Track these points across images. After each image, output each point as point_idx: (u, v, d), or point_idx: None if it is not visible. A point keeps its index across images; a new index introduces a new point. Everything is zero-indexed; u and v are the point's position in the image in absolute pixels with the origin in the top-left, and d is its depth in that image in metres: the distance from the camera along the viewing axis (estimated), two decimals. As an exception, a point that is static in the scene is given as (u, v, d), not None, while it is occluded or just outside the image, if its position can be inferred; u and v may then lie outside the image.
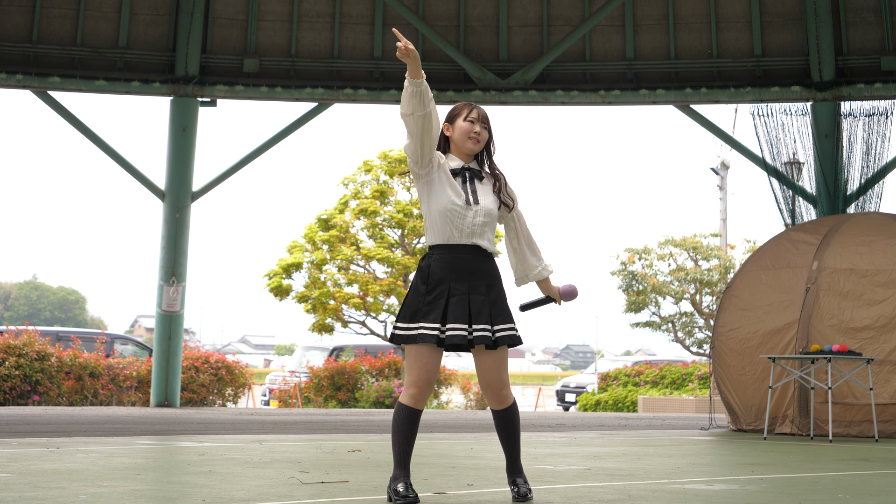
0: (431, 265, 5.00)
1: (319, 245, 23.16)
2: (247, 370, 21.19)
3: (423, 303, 4.96)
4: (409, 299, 5.02)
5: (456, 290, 4.97)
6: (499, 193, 5.12)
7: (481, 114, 5.12)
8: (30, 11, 16.76)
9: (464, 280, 4.98)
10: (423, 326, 4.93)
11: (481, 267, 5.03)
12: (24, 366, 17.43)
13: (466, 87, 16.97)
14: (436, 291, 4.96)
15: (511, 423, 5.07)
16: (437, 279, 4.98)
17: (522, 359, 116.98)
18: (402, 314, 5.02)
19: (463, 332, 4.93)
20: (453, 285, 4.97)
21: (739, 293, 12.63)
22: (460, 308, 4.95)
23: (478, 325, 4.95)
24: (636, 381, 24.03)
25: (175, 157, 17.18)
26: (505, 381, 5.03)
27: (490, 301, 5.00)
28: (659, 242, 28.14)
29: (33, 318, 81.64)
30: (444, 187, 5.02)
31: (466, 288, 4.98)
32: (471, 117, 5.10)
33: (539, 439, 10.39)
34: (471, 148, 5.10)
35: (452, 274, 4.98)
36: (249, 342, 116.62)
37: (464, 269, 4.99)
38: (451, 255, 5.00)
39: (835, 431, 11.24)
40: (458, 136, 5.09)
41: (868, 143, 15.86)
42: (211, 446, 8.56)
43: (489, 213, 5.05)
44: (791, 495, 5.65)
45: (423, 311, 4.95)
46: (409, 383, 4.97)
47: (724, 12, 16.87)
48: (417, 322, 4.94)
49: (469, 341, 4.95)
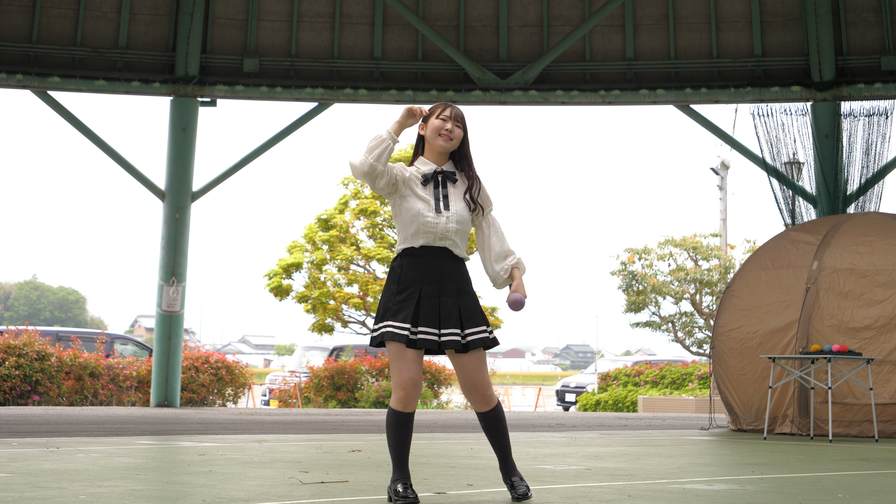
0: (404, 266, 5.01)
1: (319, 245, 23.17)
2: (247, 370, 21.18)
3: (394, 302, 4.96)
4: (382, 300, 5.04)
5: (427, 293, 4.97)
6: (471, 197, 5.10)
7: (455, 112, 5.11)
8: (30, 11, 16.76)
9: (435, 282, 4.99)
10: (391, 324, 4.92)
11: (453, 270, 5.03)
12: (24, 366, 17.43)
13: (466, 87, 16.97)
14: (406, 292, 4.97)
15: (499, 422, 5.06)
16: (408, 280, 4.98)
17: (522, 359, 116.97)
18: (377, 316, 5.06)
19: (433, 337, 4.93)
20: (424, 287, 4.97)
21: (739, 293, 12.63)
22: (431, 311, 4.95)
23: (446, 329, 4.95)
24: (636, 381, 24.03)
25: (175, 157, 17.17)
26: (489, 381, 5.04)
27: (460, 304, 5.00)
28: (659, 242, 28.16)
29: (33, 318, 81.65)
30: (412, 200, 5.02)
31: (437, 290, 4.98)
32: (443, 115, 5.08)
33: (539, 439, 10.39)
34: (441, 145, 5.08)
35: (424, 276, 4.98)
36: (249, 342, 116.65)
37: (435, 270, 5.00)
38: (422, 257, 5.01)
39: (835, 431, 11.24)
40: (430, 133, 5.08)
41: (868, 143, 15.86)
42: (211, 446, 8.56)
43: (461, 219, 5.04)
44: (791, 495, 5.65)
45: (393, 309, 4.95)
46: (396, 387, 4.94)
47: (724, 12, 16.87)
48: (387, 321, 4.94)
49: (438, 345, 4.95)
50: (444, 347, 4.96)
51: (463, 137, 5.12)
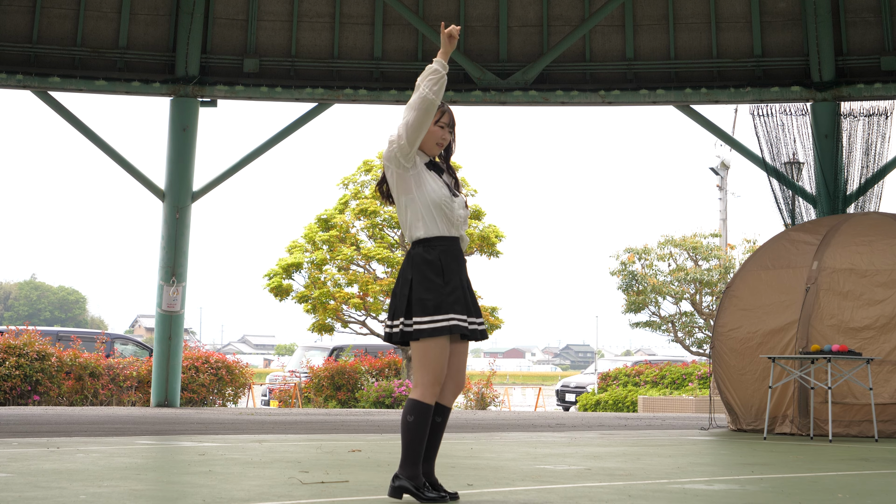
0: (441, 257, 4.97)
1: (319, 245, 23.16)
2: (247, 370, 21.18)
3: (445, 293, 4.92)
4: (425, 293, 4.91)
5: (464, 283, 5.04)
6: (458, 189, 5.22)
7: (451, 119, 5.20)
8: (30, 11, 16.76)
9: (462, 271, 5.06)
10: (455, 318, 4.91)
11: (465, 259, 5.14)
12: (25, 366, 17.44)
13: (466, 87, 16.98)
14: (452, 283, 4.97)
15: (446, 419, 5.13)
16: (450, 271, 4.98)
17: (522, 359, 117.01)
18: (420, 308, 4.90)
19: (475, 326, 5.02)
20: (462, 277, 5.04)
21: (739, 293, 12.63)
22: (468, 302, 5.01)
23: (474, 319, 5.04)
24: (636, 381, 24.03)
25: (175, 157, 17.17)
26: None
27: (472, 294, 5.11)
28: (659, 242, 28.13)
29: (33, 318, 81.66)
30: (431, 180, 5.06)
31: (466, 280, 5.07)
32: (442, 122, 5.15)
33: (539, 439, 10.39)
34: (435, 152, 5.18)
35: (458, 265, 5.04)
36: (249, 342, 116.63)
37: (461, 261, 5.08)
38: (451, 246, 5.03)
39: (834, 431, 11.24)
40: (428, 139, 5.13)
41: (868, 144, 15.86)
42: (211, 446, 8.56)
43: (463, 207, 5.14)
44: (791, 495, 5.65)
45: (449, 301, 4.92)
46: (432, 381, 4.91)
47: (724, 12, 16.87)
48: (446, 314, 4.89)
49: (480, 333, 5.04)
50: (474, 336, 5.04)
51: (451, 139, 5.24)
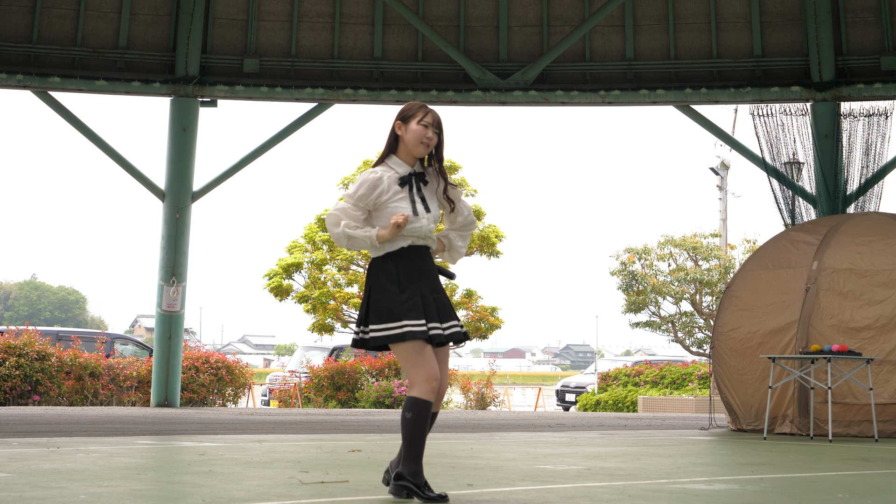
0: (398, 266, 5.07)
1: (319, 245, 23.17)
2: (247, 370, 21.17)
3: (399, 301, 5.01)
4: (380, 301, 5.03)
5: (424, 290, 5.07)
6: (447, 198, 5.23)
7: (436, 119, 5.18)
8: (30, 11, 16.76)
9: (426, 279, 5.10)
10: (409, 324, 4.97)
11: (432, 266, 5.17)
12: (25, 366, 17.43)
13: (466, 87, 16.97)
14: (408, 291, 5.04)
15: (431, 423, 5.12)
16: (407, 279, 5.06)
17: (522, 359, 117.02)
18: (376, 316, 5.03)
19: (440, 331, 5.04)
20: (421, 285, 5.07)
21: (739, 293, 12.63)
22: (432, 308, 5.05)
23: (446, 323, 5.07)
24: (636, 381, 24.03)
25: (175, 157, 17.17)
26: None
27: (444, 298, 5.14)
28: (659, 242, 28.14)
29: (33, 318, 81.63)
30: (393, 208, 5.10)
31: (430, 287, 5.10)
32: (425, 121, 5.15)
33: (539, 439, 10.39)
34: (420, 152, 5.17)
35: (418, 274, 5.09)
36: (249, 342, 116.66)
37: (423, 268, 5.12)
38: (413, 257, 5.10)
39: (834, 431, 11.24)
40: (411, 138, 5.15)
41: (868, 144, 15.86)
42: (211, 446, 8.56)
43: (436, 219, 5.20)
44: (791, 495, 5.65)
45: (403, 308, 4.99)
46: (424, 379, 4.97)
47: (724, 12, 16.87)
48: (399, 321, 4.97)
49: (444, 339, 5.05)
50: (449, 340, 5.06)
51: (438, 141, 5.20)
